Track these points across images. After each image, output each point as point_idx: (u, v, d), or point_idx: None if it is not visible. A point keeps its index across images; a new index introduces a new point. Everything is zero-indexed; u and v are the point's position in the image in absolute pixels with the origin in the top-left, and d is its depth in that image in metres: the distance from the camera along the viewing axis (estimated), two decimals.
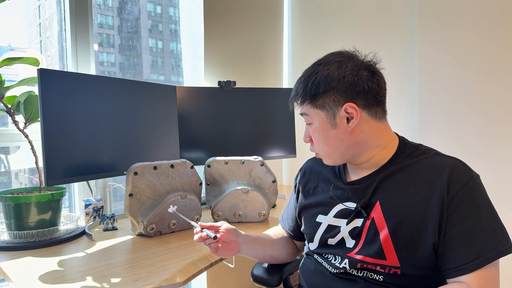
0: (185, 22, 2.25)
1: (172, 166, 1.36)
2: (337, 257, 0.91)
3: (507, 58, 1.76)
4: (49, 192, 1.30)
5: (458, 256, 0.77)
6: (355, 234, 0.88)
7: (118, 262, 1.08)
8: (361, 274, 0.87)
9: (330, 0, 2.16)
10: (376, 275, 0.85)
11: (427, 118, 1.75)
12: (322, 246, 0.96)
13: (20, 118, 1.31)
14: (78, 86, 1.29)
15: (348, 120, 0.86)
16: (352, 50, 0.91)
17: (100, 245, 1.23)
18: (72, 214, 1.46)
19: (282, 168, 2.40)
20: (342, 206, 0.92)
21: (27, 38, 1.82)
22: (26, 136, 1.30)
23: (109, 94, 1.40)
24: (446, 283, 0.81)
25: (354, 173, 0.94)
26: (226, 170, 1.51)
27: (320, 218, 0.96)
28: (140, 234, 1.32)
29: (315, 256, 0.99)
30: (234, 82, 1.90)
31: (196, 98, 1.82)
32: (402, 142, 0.91)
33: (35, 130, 1.32)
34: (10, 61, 1.24)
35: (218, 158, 1.51)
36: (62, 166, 1.24)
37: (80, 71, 1.62)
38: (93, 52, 1.67)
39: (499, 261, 0.78)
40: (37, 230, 1.24)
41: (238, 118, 1.91)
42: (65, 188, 1.37)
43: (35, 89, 1.25)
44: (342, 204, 0.92)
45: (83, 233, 1.33)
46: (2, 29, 1.60)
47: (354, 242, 0.88)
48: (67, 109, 1.26)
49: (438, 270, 0.82)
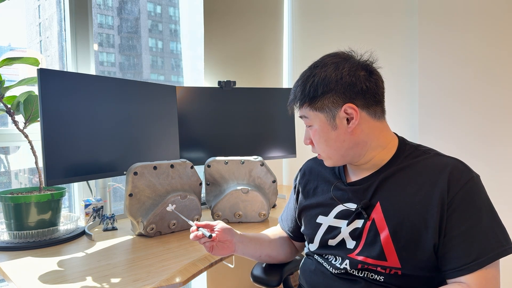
0: (185, 22, 2.25)
1: (172, 166, 1.36)
2: (337, 257, 0.91)
3: (507, 58, 1.76)
4: (49, 192, 1.30)
5: (458, 256, 0.77)
6: (356, 235, 0.88)
7: (118, 262, 1.08)
8: (361, 274, 0.87)
9: (330, 0, 2.16)
10: (376, 276, 0.85)
11: (427, 119, 1.75)
12: (323, 247, 0.96)
13: (20, 118, 1.31)
14: (78, 86, 1.29)
15: (348, 121, 0.86)
16: (348, 51, 0.91)
17: (100, 245, 1.23)
18: (72, 214, 1.46)
19: (282, 168, 2.40)
20: (343, 207, 0.92)
21: (27, 38, 1.81)
22: (26, 136, 1.30)
23: (109, 94, 1.40)
24: (446, 283, 0.81)
25: (354, 174, 0.94)
26: (226, 170, 1.51)
27: (320, 219, 0.96)
28: (140, 234, 1.32)
29: (316, 256, 0.99)
30: (234, 82, 1.90)
31: (196, 98, 1.82)
32: (402, 142, 0.91)
33: (35, 130, 1.32)
34: (10, 61, 1.24)
35: (218, 158, 1.51)
36: (62, 166, 1.24)
37: (80, 71, 1.62)
38: (93, 52, 1.67)
39: (499, 261, 0.78)
40: (37, 230, 1.24)
41: (238, 118, 1.91)
42: (65, 188, 1.36)
43: (35, 89, 1.25)
44: (342, 205, 0.92)
45: (83, 233, 1.33)
46: (2, 29, 1.60)
47: (354, 243, 0.88)
48: (67, 109, 1.26)
49: (438, 271, 0.82)
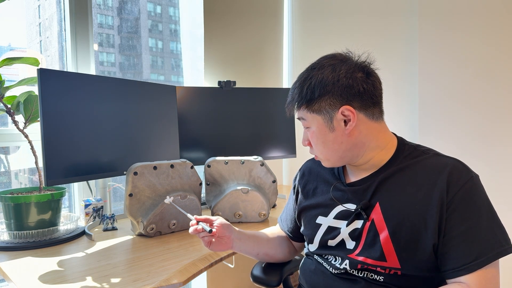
0: (185, 22, 2.25)
1: (172, 166, 1.36)
2: (337, 258, 0.91)
3: (506, 58, 1.76)
4: (49, 192, 1.30)
5: (458, 256, 0.77)
6: (355, 235, 0.88)
7: (118, 262, 1.08)
8: (361, 274, 0.87)
9: (330, 0, 2.16)
10: (376, 276, 0.85)
11: (427, 119, 1.75)
12: (322, 247, 0.96)
13: (20, 118, 1.31)
14: (78, 86, 1.29)
15: (345, 122, 0.86)
16: (345, 52, 0.90)
17: (100, 245, 1.23)
18: (72, 214, 1.46)
19: (282, 168, 2.40)
20: (342, 208, 0.92)
21: (27, 38, 1.82)
22: (26, 136, 1.30)
23: (109, 94, 1.40)
24: (446, 283, 0.81)
25: (353, 174, 0.94)
26: (226, 170, 1.51)
27: (320, 219, 0.96)
28: (140, 234, 1.32)
29: (315, 256, 0.99)
30: (234, 82, 1.90)
31: (196, 98, 1.82)
32: (401, 142, 0.91)
33: (35, 130, 1.32)
34: (10, 61, 1.24)
35: (218, 158, 1.51)
36: (62, 166, 1.24)
37: (80, 71, 1.62)
38: (93, 52, 1.67)
39: (499, 261, 0.78)
40: (37, 230, 1.24)
41: (238, 118, 1.91)
42: (65, 188, 1.37)
43: (35, 89, 1.25)
44: (342, 205, 0.92)
45: (83, 233, 1.33)
46: (2, 29, 1.60)
47: (354, 243, 0.88)
48: (67, 109, 1.26)
49: (438, 271, 0.82)
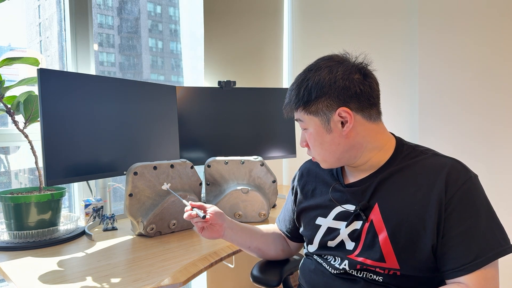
0: (185, 22, 2.25)
1: (172, 166, 1.37)
2: (336, 258, 0.91)
3: (506, 59, 1.76)
4: (49, 192, 1.30)
5: (457, 257, 0.78)
6: (355, 236, 0.88)
7: (118, 262, 1.08)
8: (360, 274, 0.87)
9: (330, 0, 2.16)
10: (375, 276, 0.85)
11: (427, 120, 1.75)
12: (322, 248, 0.96)
13: (20, 118, 1.31)
14: (78, 86, 1.29)
15: (342, 124, 0.86)
16: (342, 53, 0.90)
17: (100, 245, 1.23)
18: (72, 214, 1.46)
19: (282, 168, 2.41)
20: (341, 209, 0.92)
21: (27, 38, 1.82)
22: (26, 136, 1.30)
23: (109, 94, 1.40)
24: (445, 284, 0.81)
25: (352, 175, 0.94)
26: (226, 170, 1.51)
27: (319, 220, 0.96)
28: (140, 234, 1.32)
29: (315, 257, 0.99)
30: (234, 82, 1.90)
31: (196, 98, 1.82)
32: (399, 143, 0.91)
33: (35, 130, 1.32)
34: (10, 61, 1.24)
35: (218, 158, 1.52)
36: (62, 166, 1.24)
37: (80, 71, 1.62)
38: (93, 52, 1.67)
39: (499, 261, 0.78)
40: (37, 230, 1.24)
41: (238, 118, 1.91)
42: (65, 188, 1.37)
43: (35, 89, 1.25)
44: (341, 206, 0.92)
45: (83, 233, 1.33)
46: (2, 29, 1.60)
47: (353, 244, 0.88)
48: (67, 109, 1.26)
49: (437, 271, 0.82)
